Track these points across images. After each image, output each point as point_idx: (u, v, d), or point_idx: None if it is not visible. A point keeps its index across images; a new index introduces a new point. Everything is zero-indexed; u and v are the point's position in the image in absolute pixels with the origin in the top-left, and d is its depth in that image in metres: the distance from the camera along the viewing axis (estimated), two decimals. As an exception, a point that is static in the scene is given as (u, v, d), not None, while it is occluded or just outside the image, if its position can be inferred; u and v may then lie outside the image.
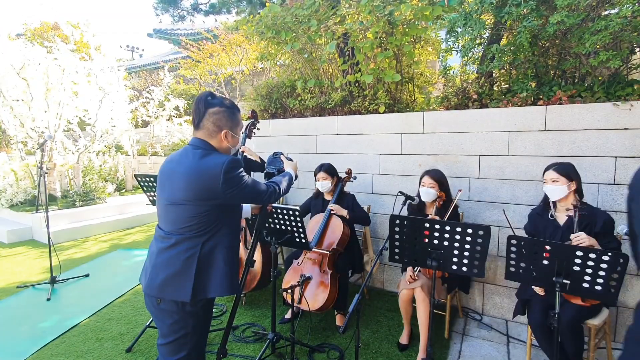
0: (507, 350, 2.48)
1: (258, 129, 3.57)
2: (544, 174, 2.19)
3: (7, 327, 2.86)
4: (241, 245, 3.09)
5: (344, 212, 2.83)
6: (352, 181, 3.00)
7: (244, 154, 3.36)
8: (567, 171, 2.09)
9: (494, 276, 2.92)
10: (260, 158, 3.46)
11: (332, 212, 2.83)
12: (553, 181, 2.09)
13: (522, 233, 2.39)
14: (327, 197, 3.01)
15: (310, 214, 3.11)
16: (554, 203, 2.18)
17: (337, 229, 2.77)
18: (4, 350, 2.56)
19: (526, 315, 2.19)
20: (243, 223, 3.12)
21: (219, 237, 1.48)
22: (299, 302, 2.48)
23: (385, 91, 3.44)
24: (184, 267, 1.42)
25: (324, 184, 2.94)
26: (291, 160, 1.96)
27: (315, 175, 3.00)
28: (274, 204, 2.22)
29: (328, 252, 2.68)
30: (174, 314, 1.45)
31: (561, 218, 2.16)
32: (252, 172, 3.70)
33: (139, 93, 10.00)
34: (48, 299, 3.32)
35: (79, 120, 6.68)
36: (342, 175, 3.04)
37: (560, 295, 1.62)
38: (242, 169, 1.46)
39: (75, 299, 3.36)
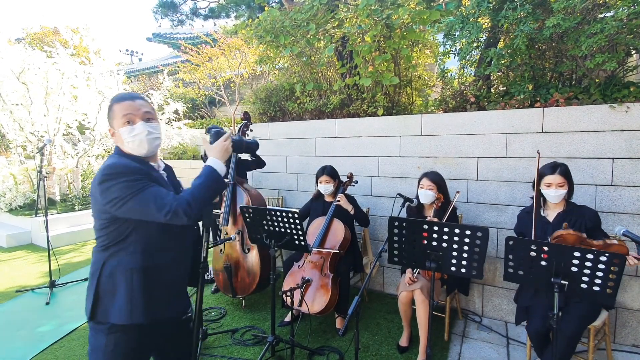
0: (507, 352, 2.48)
1: (251, 130, 3.59)
2: (543, 176, 2.14)
3: (6, 332, 2.85)
4: (238, 247, 3.09)
5: (350, 207, 2.84)
6: (353, 185, 3.01)
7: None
8: (568, 173, 2.10)
9: (493, 278, 2.93)
10: (256, 155, 3.48)
11: (338, 202, 2.83)
12: (559, 186, 2.08)
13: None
14: (328, 199, 3.01)
15: (309, 217, 3.11)
16: (545, 201, 2.20)
17: (338, 232, 2.78)
18: (2, 354, 2.55)
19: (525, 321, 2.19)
20: (239, 226, 3.11)
21: (123, 256, 1.28)
22: (300, 305, 2.48)
23: (383, 94, 3.46)
24: (89, 282, 1.31)
25: (327, 187, 2.94)
26: (223, 135, 1.44)
27: (317, 178, 3.00)
28: (272, 207, 2.22)
29: (331, 252, 2.69)
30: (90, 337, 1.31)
31: (551, 215, 2.19)
32: (248, 172, 3.72)
33: (139, 97, 9.99)
34: (47, 303, 3.32)
35: (79, 124, 6.68)
36: (344, 179, 3.04)
37: (561, 299, 1.62)
38: (124, 178, 1.20)
39: (75, 303, 3.35)
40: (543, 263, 1.63)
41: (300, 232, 2.28)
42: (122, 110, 1.30)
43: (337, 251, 2.71)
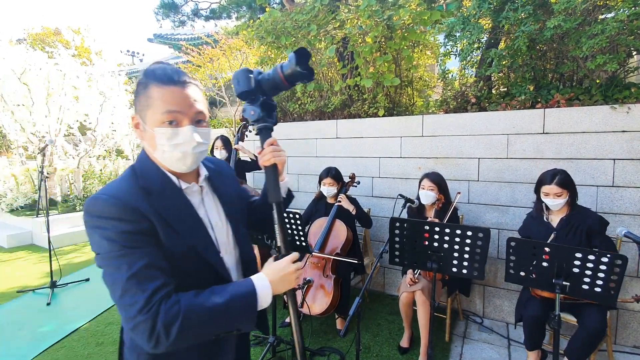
0: (508, 353, 2.47)
1: (250, 131, 3.59)
2: (543, 184, 2.15)
3: (7, 332, 2.85)
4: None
5: (351, 207, 2.84)
6: (355, 186, 3.01)
7: (238, 154, 3.37)
8: (567, 182, 2.10)
9: (494, 279, 2.92)
10: (255, 156, 3.47)
11: (339, 203, 2.83)
12: (557, 195, 2.08)
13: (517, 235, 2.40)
14: (330, 201, 3.01)
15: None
16: (547, 207, 2.20)
17: (340, 233, 2.78)
18: (4, 355, 2.55)
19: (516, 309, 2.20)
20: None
21: None
22: (301, 306, 2.48)
23: (384, 95, 3.46)
24: None
25: (330, 190, 2.94)
26: (290, 256, 0.92)
27: (320, 180, 3.00)
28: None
29: (331, 257, 2.68)
30: None
31: (555, 220, 2.19)
32: (247, 173, 3.72)
33: (140, 97, 10.02)
34: (48, 304, 3.32)
35: (80, 124, 6.70)
36: (346, 179, 3.05)
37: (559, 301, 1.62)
38: (109, 227, 0.78)
39: (76, 304, 3.35)
40: (544, 264, 1.64)
41: (301, 233, 2.28)
42: (165, 99, 0.82)
43: (340, 258, 2.69)
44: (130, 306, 0.74)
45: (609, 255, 1.49)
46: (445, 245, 1.80)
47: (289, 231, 2.31)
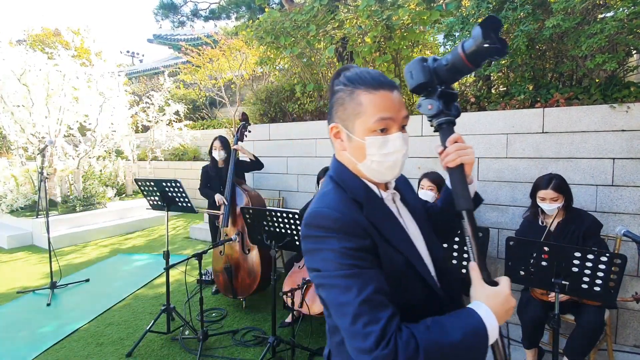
0: (508, 353, 2.47)
1: (250, 131, 3.59)
2: (539, 189, 2.17)
3: (7, 333, 2.85)
4: (239, 248, 3.08)
5: None
6: None
7: (237, 154, 3.37)
8: (563, 187, 2.12)
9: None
10: (254, 156, 3.47)
11: None
12: (553, 200, 2.11)
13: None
14: None
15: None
16: (543, 211, 2.21)
17: None
18: (4, 355, 2.55)
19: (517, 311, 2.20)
20: (239, 227, 3.11)
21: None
22: (300, 305, 2.48)
23: (383, 95, 3.46)
24: None
25: None
26: (506, 283, 0.81)
27: (318, 180, 3.01)
28: (272, 208, 2.22)
29: None
30: None
31: (553, 224, 2.19)
32: (246, 173, 3.71)
33: (139, 98, 10.04)
34: (48, 304, 3.32)
35: (80, 125, 6.70)
36: None
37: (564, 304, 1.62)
38: (335, 243, 0.72)
39: (76, 304, 3.35)
40: (544, 263, 1.64)
41: (301, 233, 2.28)
42: (377, 105, 0.77)
43: None
44: (364, 337, 0.66)
45: (607, 255, 1.49)
46: (444, 245, 1.80)
47: (288, 231, 2.31)
